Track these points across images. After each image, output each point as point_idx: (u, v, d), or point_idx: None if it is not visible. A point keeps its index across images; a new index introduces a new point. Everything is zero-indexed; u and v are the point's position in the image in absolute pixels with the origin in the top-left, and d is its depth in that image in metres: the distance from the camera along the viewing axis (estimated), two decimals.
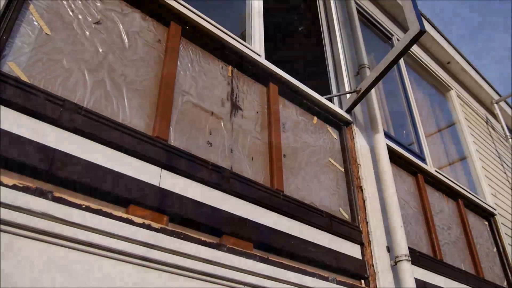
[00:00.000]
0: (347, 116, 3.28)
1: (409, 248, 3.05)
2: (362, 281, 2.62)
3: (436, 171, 4.23)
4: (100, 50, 1.96)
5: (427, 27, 5.60)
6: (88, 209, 1.58)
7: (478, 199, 4.76)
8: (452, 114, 5.93)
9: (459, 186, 4.45)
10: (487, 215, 4.90)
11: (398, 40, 5.02)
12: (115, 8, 2.14)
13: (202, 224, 1.93)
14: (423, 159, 4.29)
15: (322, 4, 4.15)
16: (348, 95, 3.35)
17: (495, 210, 5.05)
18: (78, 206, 1.56)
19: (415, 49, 5.49)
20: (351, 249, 2.67)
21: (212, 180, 2.07)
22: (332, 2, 4.07)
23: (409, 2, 2.94)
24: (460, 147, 5.67)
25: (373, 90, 3.42)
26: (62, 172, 1.57)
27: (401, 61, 5.04)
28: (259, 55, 2.79)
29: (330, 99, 3.32)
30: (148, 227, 1.73)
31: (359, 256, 2.70)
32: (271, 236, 2.19)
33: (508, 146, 6.99)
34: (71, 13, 1.92)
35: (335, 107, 3.20)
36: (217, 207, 2.03)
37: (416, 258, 3.17)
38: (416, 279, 2.93)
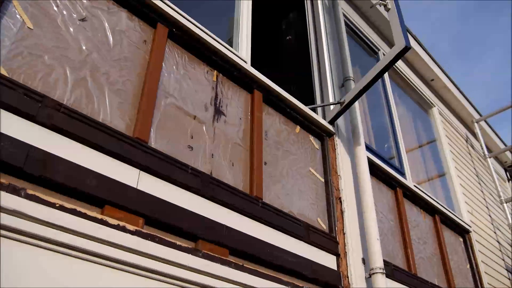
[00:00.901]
0: (330, 127, 3.29)
1: (384, 261, 3.08)
2: None
3: (415, 186, 4.27)
4: (84, 48, 1.93)
5: (413, 44, 5.69)
6: (62, 208, 1.55)
7: (455, 215, 4.83)
8: (433, 131, 6.02)
9: (436, 202, 4.51)
10: (463, 231, 4.97)
11: (384, 54, 5.09)
12: (102, 6, 2.12)
13: (178, 228, 1.91)
14: (402, 174, 4.33)
15: (311, 15, 4.19)
16: (332, 106, 3.37)
17: (471, 227, 5.12)
18: (52, 205, 1.53)
19: (401, 64, 5.57)
20: (327, 260, 2.67)
21: (191, 184, 2.06)
22: (320, 14, 4.11)
23: (396, 18, 2.98)
24: (440, 164, 5.75)
25: (356, 103, 3.45)
26: (37, 170, 1.54)
27: (386, 76, 5.11)
28: (245, 62, 2.79)
29: (314, 109, 3.34)
30: (123, 229, 1.70)
31: (335, 267, 2.71)
32: (247, 243, 2.18)
33: (486, 165, 7.12)
34: (55, 8, 1.89)
35: (318, 117, 3.22)
36: (194, 212, 2.01)
37: (391, 271, 3.19)
38: None
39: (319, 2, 4.18)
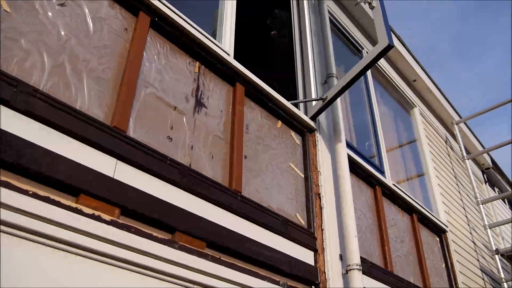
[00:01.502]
0: (311, 123, 3.30)
1: (361, 257, 3.10)
2: (313, 287, 2.64)
3: (394, 184, 4.32)
4: (62, 33, 1.89)
5: (396, 43, 5.73)
6: (35, 195, 1.51)
7: (432, 215, 4.89)
8: (414, 131, 6.08)
9: (414, 201, 4.56)
10: (439, 231, 5.04)
11: (367, 53, 5.11)
12: None
13: (155, 220, 1.89)
14: (382, 172, 4.37)
15: (296, 11, 4.18)
16: (314, 102, 3.38)
17: (447, 227, 5.20)
18: (25, 192, 1.49)
19: (384, 64, 5.61)
20: (305, 255, 2.68)
21: (169, 175, 2.04)
22: (306, 10, 4.10)
23: (380, 16, 2.99)
24: (419, 164, 5.82)
25: (338, 100, 3.47)
26: (10, 156, 1.50)
27: (369, 75, 5.14)
28: (228, 54, 2.77)
29: (296, 105, 3.34)
30: (98, 219, 1.67)
31: (312, 263, 2.72)
32: (225, 236, 2.17)
33: (464, 167, 7.23)
34: None
35: (300, 113, 3.22)
36: (172, 203, 1.99)
37: (368, 268, 3.22)
38: None
39: None
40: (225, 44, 2.89)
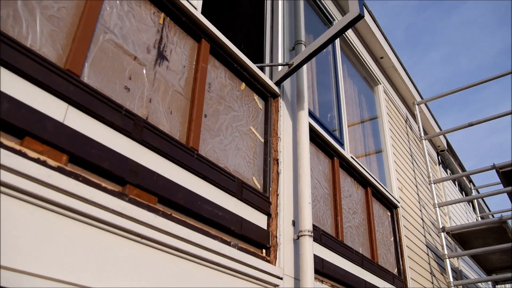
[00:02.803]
0: (276, 88, 3.26)
1: (314, 225, 3.15)
2: (264, 251, 2.66)
3: (352, 157, 4.38)
4: None
5: (368, 19, 5.73)
6: None
7: (386, 190, 5.02)
8: (376, 108, 6.17)
9: (370, 175, 4.66)
10: (391, 206, 5.20)
11: None
12: None
13: (105, 170, 1.83)
14: (342, 145, 4.42)
15: None
16: (280, 67, 3.33)
17: (399, 203, 5.36)
18: None
19: (353, 38, 5.61)
20: (258, 219, 2.69)
21: (124, 126, 1.96)
22: None
23: None
24: (378, 140, 5.93)
25: (305, 68, 3.44)
26: None
27: (338, 48, 5.12)
28: (196, 8, 2.67)
29: (262, 69, 3.29)
30: (44, 164, 1.60)
31: (265, 226, 2.73)
32: (178, 193, 2.13)
33: (421, 147, 7.43)
34: None
35: (265, 77, 3.17)
36: (124, 155, 1.92)
37: (319, 235, 3.28)
38: (315, 255, 3.03)
39: None
40: None
